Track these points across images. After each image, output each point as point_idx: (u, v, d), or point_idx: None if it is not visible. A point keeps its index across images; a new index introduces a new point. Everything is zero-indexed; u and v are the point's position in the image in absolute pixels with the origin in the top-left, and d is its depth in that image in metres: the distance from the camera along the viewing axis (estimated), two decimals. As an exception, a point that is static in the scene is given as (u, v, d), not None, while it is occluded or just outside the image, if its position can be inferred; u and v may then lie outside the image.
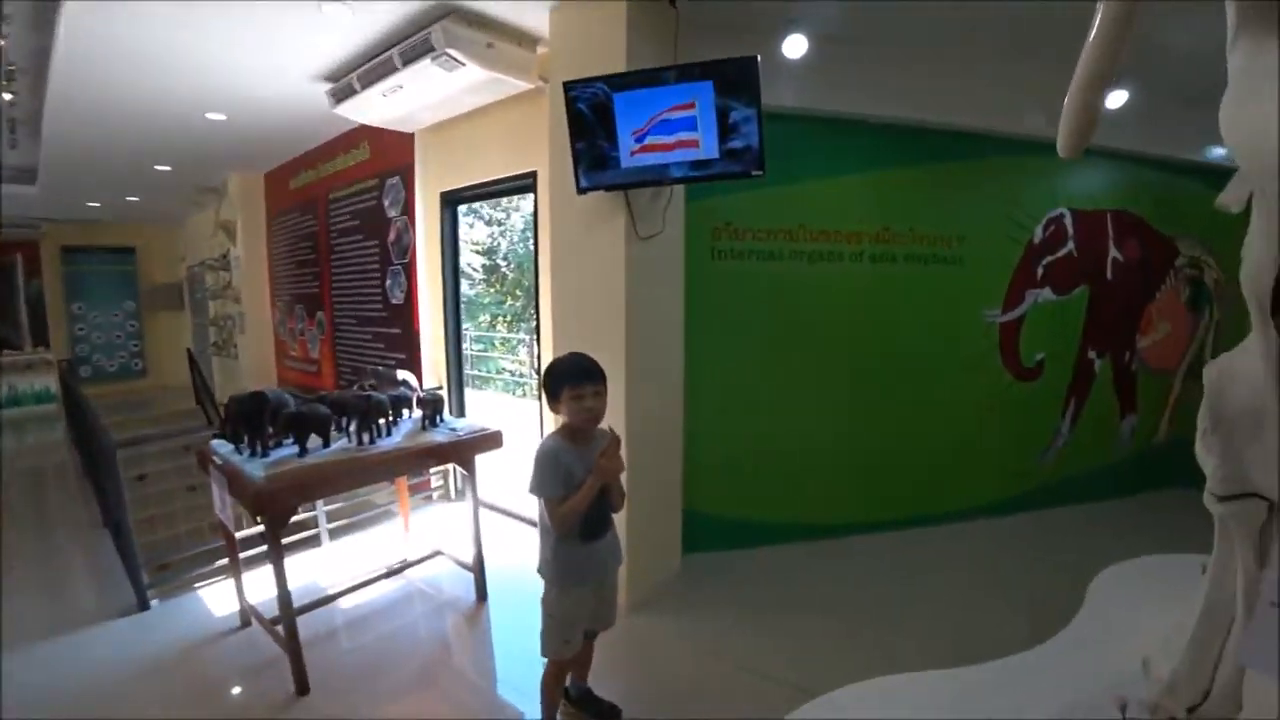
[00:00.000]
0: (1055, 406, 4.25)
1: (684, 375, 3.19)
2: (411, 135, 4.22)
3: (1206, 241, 4.56)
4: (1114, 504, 4.43)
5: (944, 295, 3.79)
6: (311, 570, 3.37)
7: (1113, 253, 4.26)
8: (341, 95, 3.70)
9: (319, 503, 3.66)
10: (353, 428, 2.71)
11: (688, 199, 3.07)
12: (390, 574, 3.22)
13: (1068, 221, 4.08)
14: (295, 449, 2.52)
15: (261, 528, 3.25)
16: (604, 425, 1.98)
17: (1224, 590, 1.56)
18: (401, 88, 3.43)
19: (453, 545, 3.38)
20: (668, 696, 2.38)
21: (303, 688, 2.40)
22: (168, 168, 5.99)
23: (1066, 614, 2.75)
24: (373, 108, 3.76)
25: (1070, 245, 4.10)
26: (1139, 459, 4.62)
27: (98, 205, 8.14)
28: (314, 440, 2.58)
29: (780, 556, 3.50)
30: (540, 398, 3.47)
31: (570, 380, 1.88)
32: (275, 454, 2.50)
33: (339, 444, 2.67)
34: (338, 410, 2.71)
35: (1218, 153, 4.34)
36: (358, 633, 2.87)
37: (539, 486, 1.86)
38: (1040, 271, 4.02)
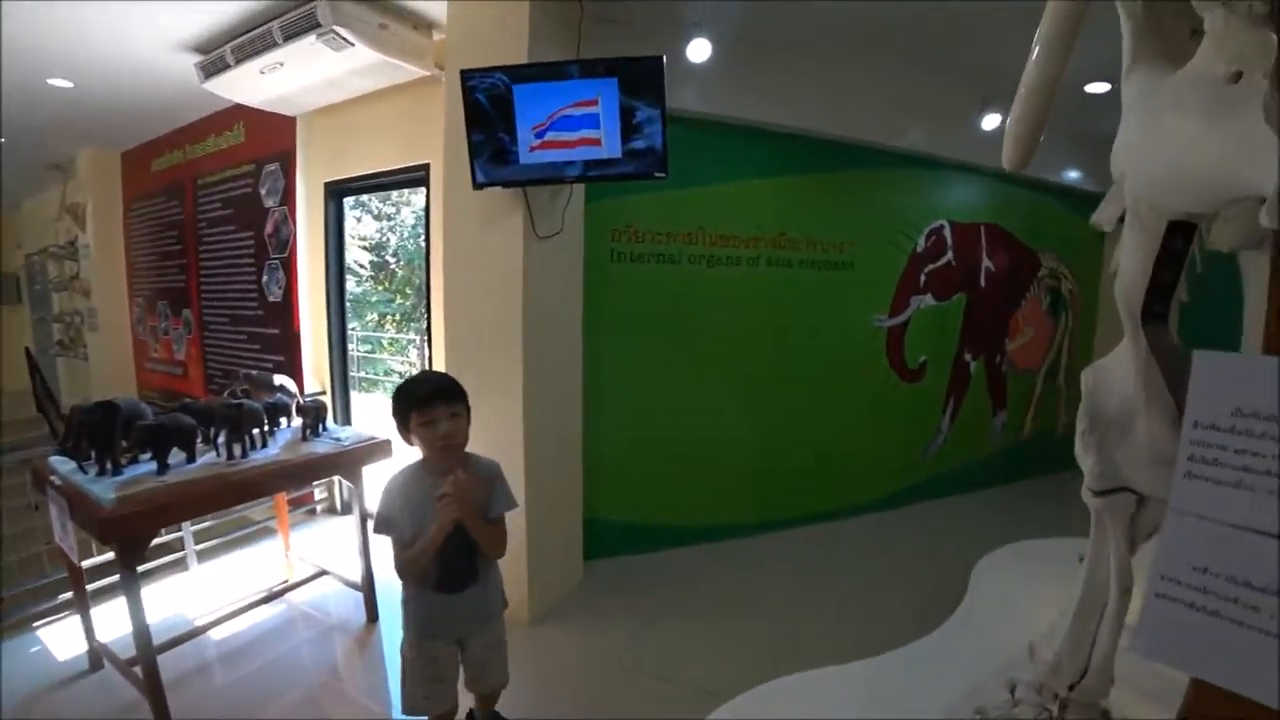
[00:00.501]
0: (936, 405, 4.54)
1: (583, 379, 3.12)
2: (293, 119, 3.90)
3: (1063, 255, 5.03)
4: (990, 493, 4.81)
5: (836, 300, 3.95)
6: (177, 599, 3.03)
7: (986, 263, 4.60)
8: (213, 69, 3.35)
9: (185, 523, 3.30)
10: (222, 440, 2.45)
11: (587, 199, 3.01)
12: (269, 598, 2.95)
13: (947, 233, 4.36)
14: (153, 465, 2.24)
15: (108, 556, 2.91)
16: (481, 453, 1.75)
17: (1099, 578, 1.69)
18: (282, 65, 3.16)
19: (339, 563, 3.14)
20: (577, 708, 2.31)
21: (167, 735, 2.14)
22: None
23: (954, 598, 2.95)
24: (249, 86, 3.44)
25: (949, 255, 4.39)
26: (1009, 452, 5.03)
27: (-90, 181, 7.02)
28: (177, 455, 2.31)
29: (682, 559, 3.51)
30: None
31: (419, 403, 1.59)
32: (130, 471, 2.21)
33: (206, 458, 2.41)
34: (204, 420, 2.45)
35: (1073, 175, 4.80)
36: (233, 666, 2.58)
37: (379, 523, 1.62)
38: (923, 279, 4.27)
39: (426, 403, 1.58)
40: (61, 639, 2.71)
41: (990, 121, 3.94)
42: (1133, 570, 1.60)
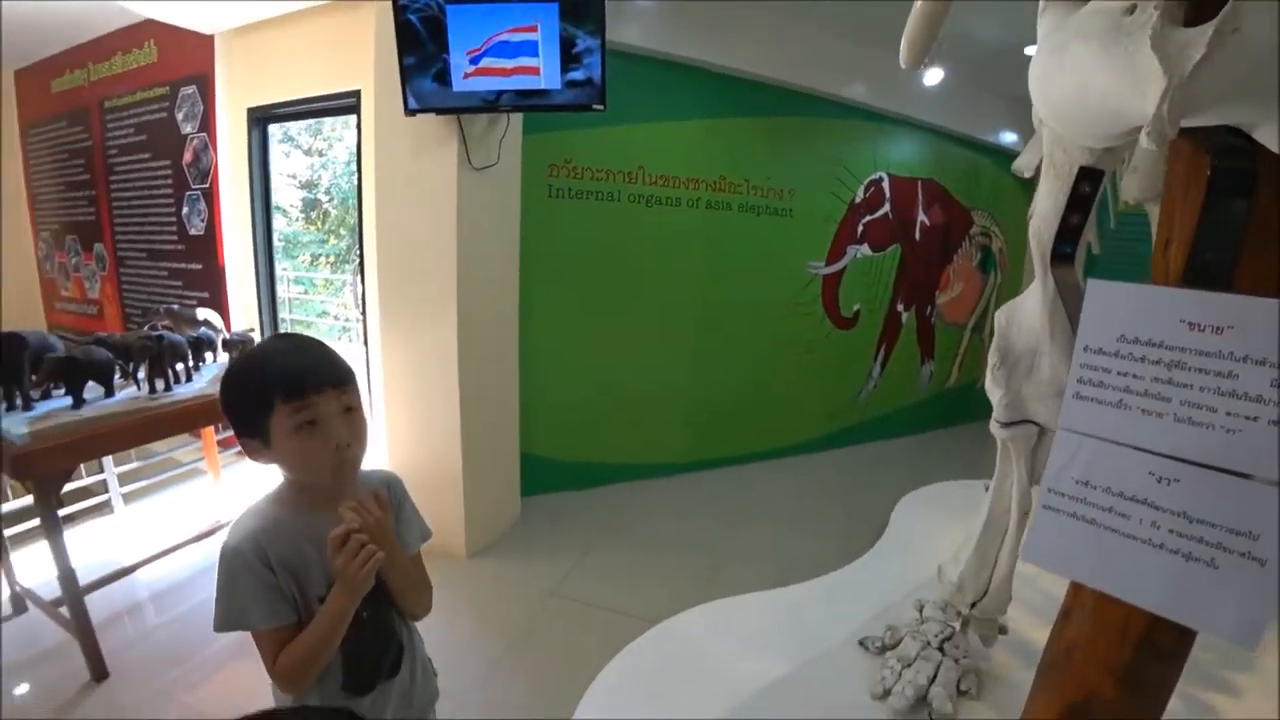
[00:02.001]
0: (868, 353, 4.72)
1: (518, 316, 3.11)
2: (210, 38, 3.62)
3: (995, 214, 5.23)
4: (915, 439, 5.08)
5: (774, 245, 4.01)
6: (103, 542, 2.94)
7: (921, 217, 4.74)
8: (117, -22, 3.07)
9: (109, 463, 3.17)
10: (142, 374, 2.37)
11: (525, 131, 2.94)
12: (201, 537, 2.87)
13: (886, 185, 4.45)
14: (69, 400, 2.15)
15: (27, 500, 2.79)
16: (377, 466, 1.18)
17: (1001, 504, 1.84)
18: (196, -25, 2.92)
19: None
20: (512, 634, 2.38)
21: (99, 673, 2.11)
22: None
23: (876, 535, 3.13)
24: (160, -1, 3.17)
25: (887, 207, 4.50)
26: (935, 400, 5.30)
27: None
28: (93, 389, 2.23)
29: (617, 496, 3.60)
30: (365, 342, 3.23)
31: (288, 390, 0.91)
32: (43, 406, 2.13)
33: (126, 393, 2.33)
34: (121, 354, 2.35)
35: (1010, 138, 4.95)
36: (164, 607, 2.55)
37: (228, 618, 0.95)
38: (860, 229, 4.38)
39: (304, 387, 0.91)
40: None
41: (932, 77, 4.01)
42: (1032, 497, 1.74)
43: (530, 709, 2.00)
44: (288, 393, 0.90)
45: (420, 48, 2.32)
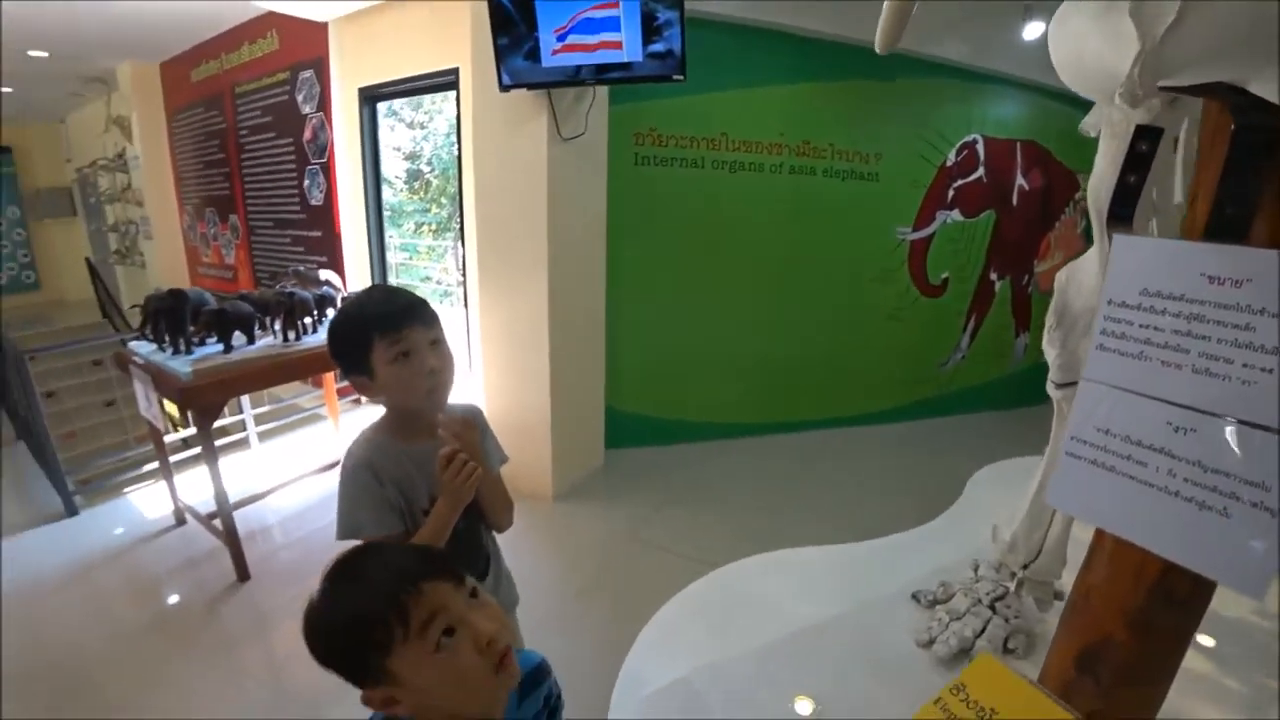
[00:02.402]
0: (956, 322, 4.57)
1: (605, 278, 3.28)
2: (324, 25, 3.96)
3: (1104, 176, 4.86)
4: (1004, 414, 4.88)
5: (859, 211, 3.95)
6: (242, 473, 3.41)
7: (1019, 181, 4.49)
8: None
9: (246, 406, 3.65)
10: (277, 325, 2.74)
11: (611, 103, 3.07)
12: (324, 469, 3.29)
13: (980, 147, 4.25)
14: (219, 347, 2.54)
15: (187, 432, 3.29)
16: (463, 400, 1.27)
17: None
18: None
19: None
20: (589, 571, 2.62)
21: (243, 574, 2.53)
22: (44, 54, 5.32)
23: (949, 505, 3.12)
24: (278, -9, 3.51)
25: (981, 171, 4.30)
26: (1029, 374, 5.04)
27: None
28: (239, 337, 2.61)
29: (696, 453, 3.75)
30: (465, 304, 3.52)
31: (385, 326, 1.09)
32: (200, 351, 2.53)
33: (264, 341, 2.71)
34: (260, 308, 2.73)
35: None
36: (293, 528, 2.99)
37: (350, 527, 1.12)
38: (951, 194, 4.22)
39: (396, 324, 1.09)
40: (149, 501, 3.14)
41: (1033, 31, 3.77)
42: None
43: (602, 632, 2.23)
44: (384, 329, 1.08)
45: (512, 28, 2.49)
